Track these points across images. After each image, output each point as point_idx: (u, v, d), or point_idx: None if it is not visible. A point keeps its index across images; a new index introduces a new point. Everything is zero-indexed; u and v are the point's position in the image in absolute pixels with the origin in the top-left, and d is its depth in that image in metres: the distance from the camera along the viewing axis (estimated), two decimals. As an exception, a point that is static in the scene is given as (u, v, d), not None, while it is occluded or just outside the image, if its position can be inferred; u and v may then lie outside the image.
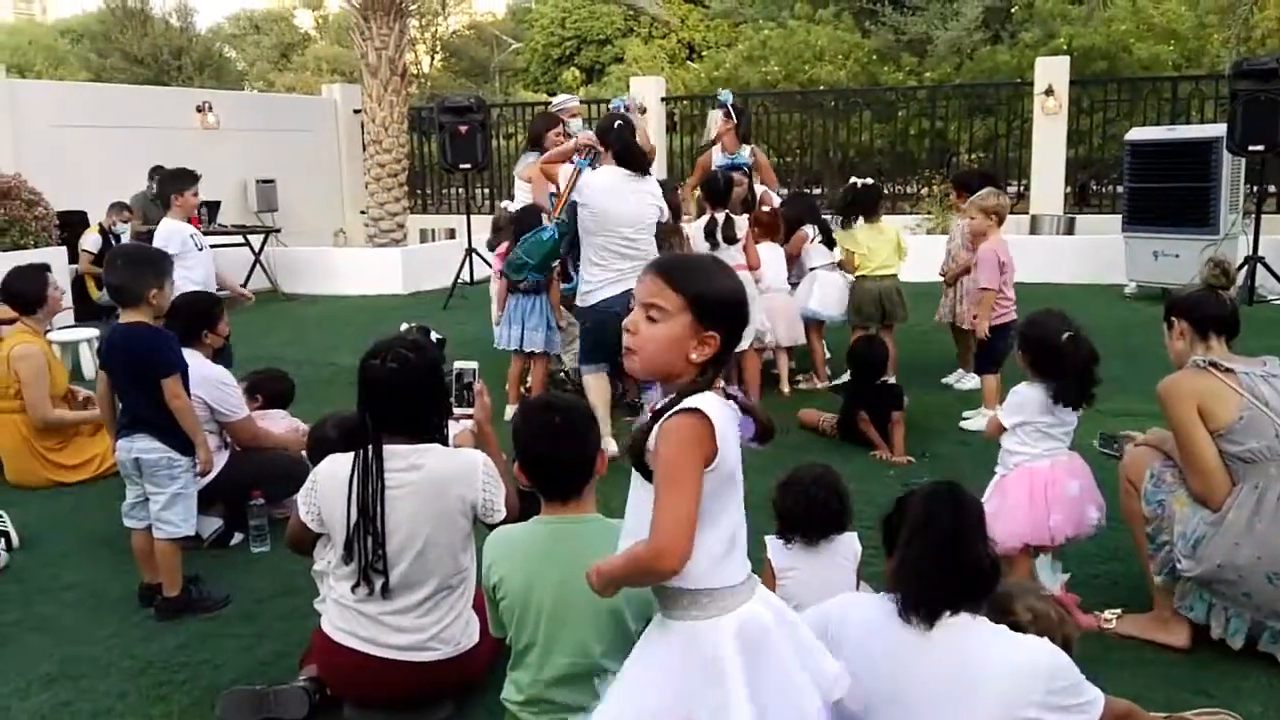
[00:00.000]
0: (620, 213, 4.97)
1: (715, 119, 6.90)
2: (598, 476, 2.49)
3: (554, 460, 2.43)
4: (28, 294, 5.09)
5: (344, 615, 2.75)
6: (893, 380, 5.51)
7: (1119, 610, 3.34)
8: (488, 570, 2.49)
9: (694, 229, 5.78)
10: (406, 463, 2.71)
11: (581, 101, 10.18)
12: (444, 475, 2.72)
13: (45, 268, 5.30)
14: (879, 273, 6.28)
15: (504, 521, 2.70)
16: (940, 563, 2.08)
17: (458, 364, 4.44)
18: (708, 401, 1.87)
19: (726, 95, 7.07)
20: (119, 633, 3.49)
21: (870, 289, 6.25)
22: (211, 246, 6.60)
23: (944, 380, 6.46)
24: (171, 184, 6.25)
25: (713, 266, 2.00)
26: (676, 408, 1.87)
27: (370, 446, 2.70)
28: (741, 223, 5.77)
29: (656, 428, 1.87)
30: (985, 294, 5.39)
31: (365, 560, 2.67)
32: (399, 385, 2.71)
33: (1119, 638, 3.23)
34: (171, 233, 5.99)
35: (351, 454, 2.73)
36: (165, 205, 6.30)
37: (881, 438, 5.22)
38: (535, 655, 2.41)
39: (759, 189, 6.62)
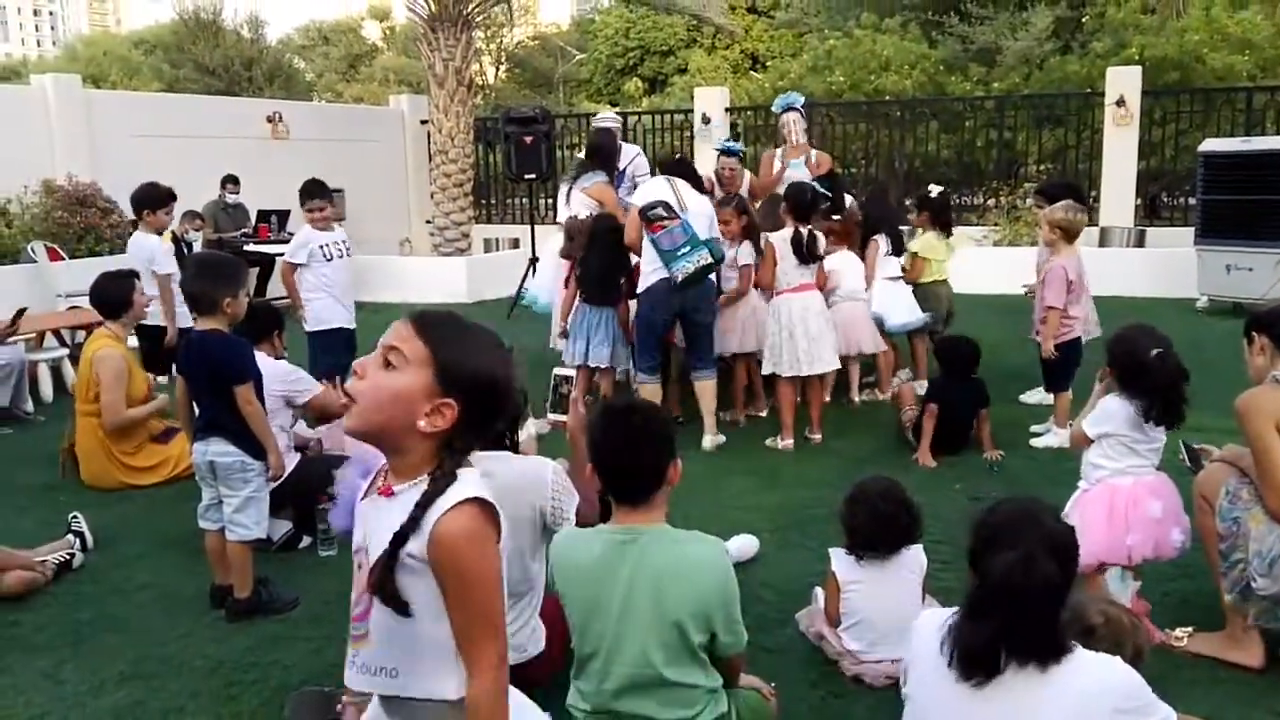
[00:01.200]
0: None
1: (791, 121, 6.92)
2: (670, 485, 2.47)
3: (630, 463, 2.42)
4: (114, 299, 5.26)
5: None
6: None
7: (1190, 628, 3.27)
8: (551, 579, 2.51)
9: (778, 239, 5.51)
10: (480, 470, 2.72)
11: (645, 112, 10.26)
12: (516, 483, 2.72)
13: (133, 274, 5.48)
14: (943, 277, 6.53)
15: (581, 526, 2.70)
16: (1003, 627, 1.95)
17: (557, 370, 4.53)
18: (478, 484, 1.69)
19: (795, 97, 7.08)
20: (191, 633, 3.58)
21: (942, 292, 6.51)
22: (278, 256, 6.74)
23: (1021, 397, 6.32)
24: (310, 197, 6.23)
25: (479, 336, 1.75)
26: (455, 499, 1.65)
27: None
28: (823, 241, 5.65)
29: (428, 534, 1.63)
30: (1051, 312, 5.25)
31: None
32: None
33: (1190, 656, 3.18)
34: (303, 242, 6.16)
35: None
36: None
37: (965, 436, 5.35)
38: (599, 664, 2.42)
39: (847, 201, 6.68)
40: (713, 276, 5.57)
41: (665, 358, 5.90)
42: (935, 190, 6.77)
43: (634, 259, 5.66)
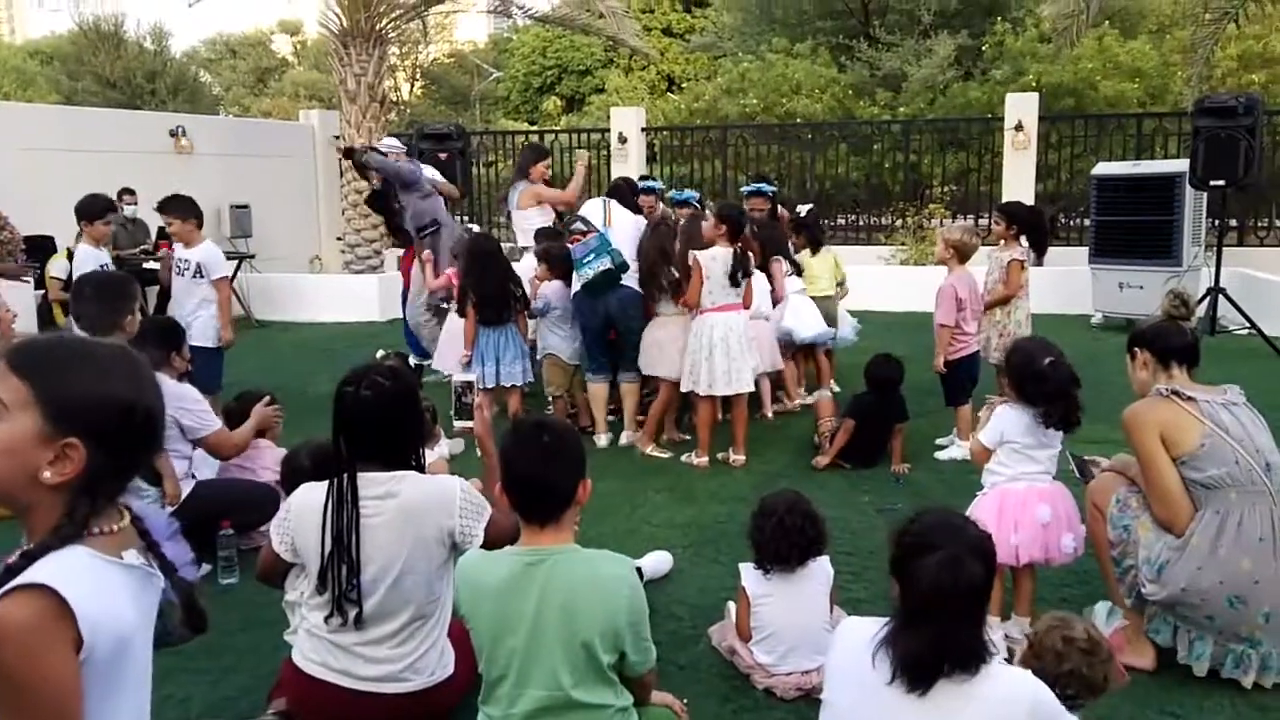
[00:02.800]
0: None
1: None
2: (579, 505, 2.46)
3: (540, 482, 2.40)
4: None
5: (316, 646, 2.72)
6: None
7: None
8: (457, 602, 2.48)
9: (707, 258, 5.40)
10: (382, 490, 2.67)
11: (563, 130, 10.26)
12: (420, 503, 2.68)
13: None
14: (822, 294, 6.77)
15: (495, 545, 2.65)
16: (939, 641, 1.98)
17: (456, 377, 4.49)
18: (69, 565, 1.36)
19: (691, 194, 7.04)
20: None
21: (825, 308, 6.76)
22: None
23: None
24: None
25: (98, 359, 1.46)
26: (17, 583, 1.32)
27: (345, 475, 2.66)
28: (752, 261, 5.68)
29: None
30: (941, 329, 5.43)
31: (339, 590, 2.63)
32: (374, 412, 2.67)
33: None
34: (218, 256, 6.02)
35: (326, 482, 2.70)
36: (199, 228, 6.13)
37: (879, 451, 5.49)
38: (507, 688, 2.39)
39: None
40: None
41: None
42: (804, 210, 7.18)
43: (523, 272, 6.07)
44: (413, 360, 6.17)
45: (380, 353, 5.93)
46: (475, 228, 7.78)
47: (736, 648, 3.28)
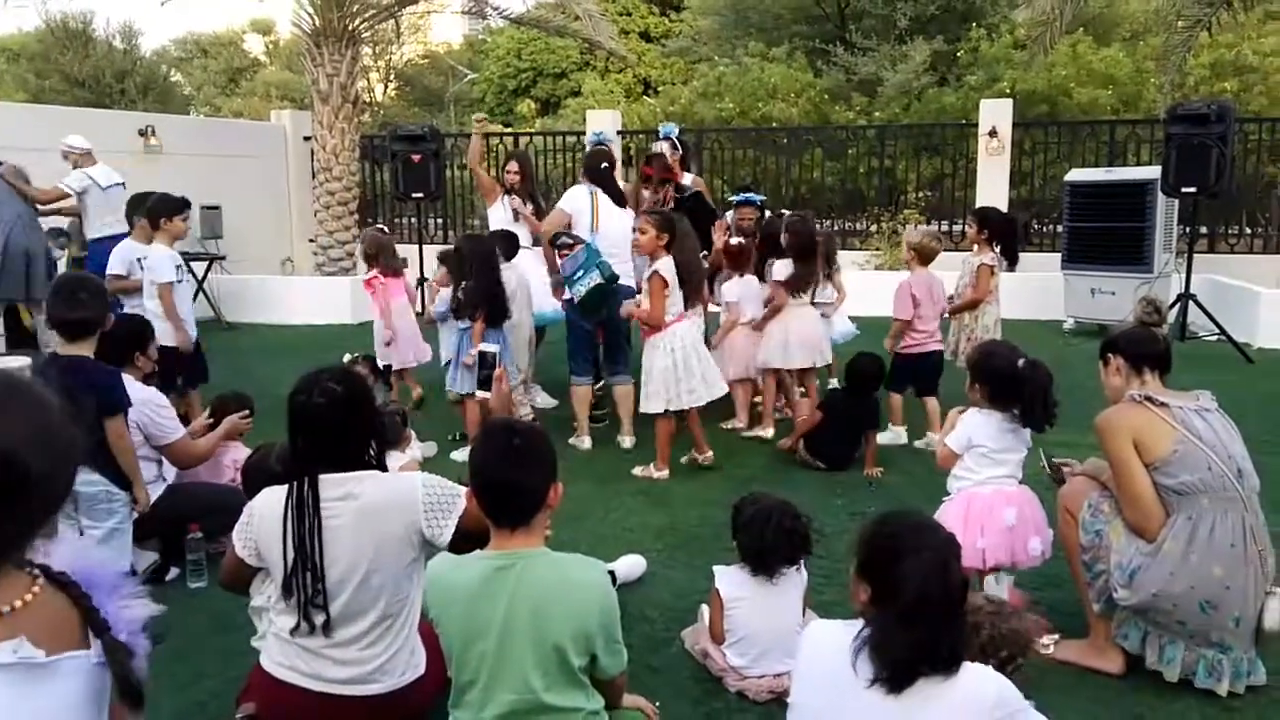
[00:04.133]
0: None
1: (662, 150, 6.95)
2: (550, 508, 2.44)
3: (509, 485, 2.38)
4: None
5: (285, 650, 2.68)
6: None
7: (1056, 636, 3.40)
8: (426, 605, 2.45)
9: (667, 268, 5.32)
10: (342, 491, 2.63)
11: (538, 133, 10.22)
12: (381, 502, 2.64)
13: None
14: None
15: (474, 539, 2.59)
16: (913, 640, 1.97)
17: (482, 346, 4.50)
18: None
19: (671, 128, 7.20)
20: (48, 668, 3.39)
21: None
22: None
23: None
24: (163, 207, 5.99)
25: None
26: None
27: (305, 480, 2.62)
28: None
29: None
30: (896, 323, 5.85)
31: (305, 597, 2.60)
32: (328, 419, 2.63)
33: (1056, 663, 3.29)
34: (165, 259, 5.85)
35: (286, 486, 2.66)
36: (154, 227, 5.99)
37: (851, 454, 5.52)
38: (477, 693, 2.37)
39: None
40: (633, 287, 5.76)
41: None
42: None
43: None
44: (381, 363, 6.12)
45: (347, 356, 5.90)
46: (384, 227, 7.73)
47: (709, 650, 3.26)
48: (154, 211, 5.99)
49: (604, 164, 6.16)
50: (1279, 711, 3.01)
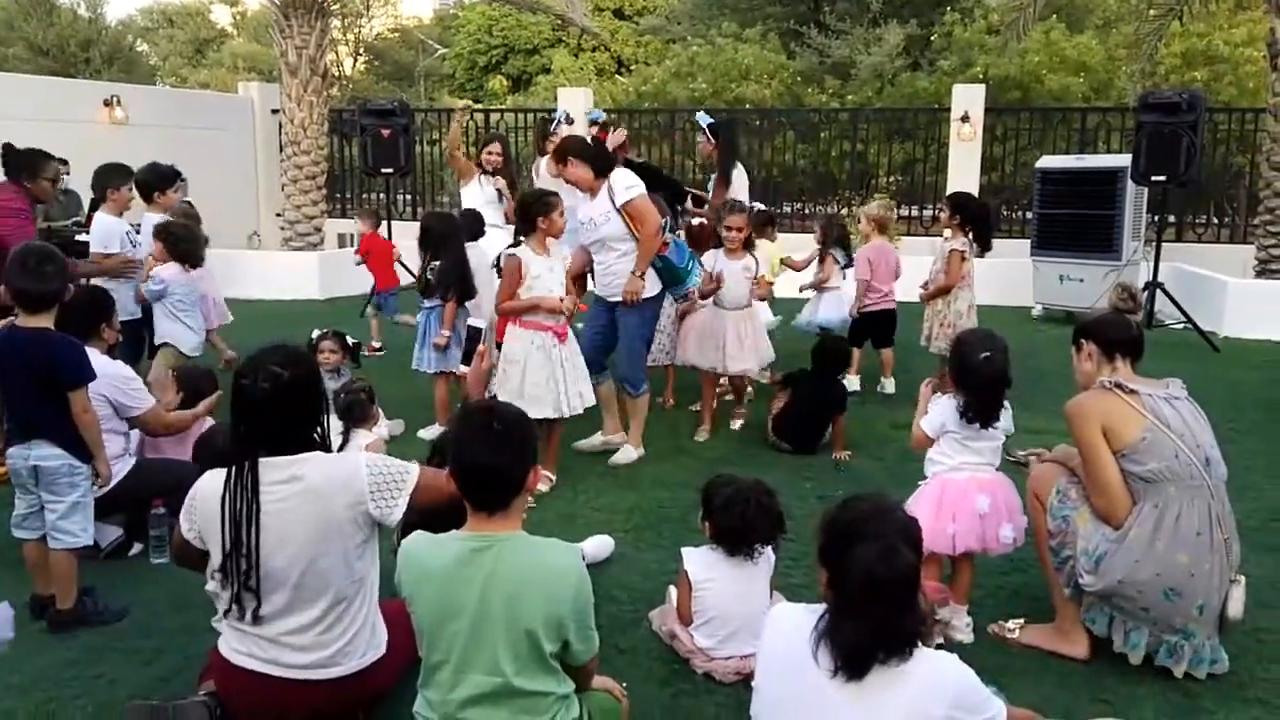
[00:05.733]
0: None
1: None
2: (528, 493, 2.42)
3: (491, 469, 2.35)
4: None
5: (242, 639, 2.64)
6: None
7: (1022, 621, 3.43)
8: (399, 583, 2.43)
9: (529, 258, 4.87)
10: (285, 474, 2.58)
11: (509, 110, 10.16)
12: (324, 484, 2.59)
13: None
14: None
15: (445, 518, 2.54)
16: (874, 628, 1.97)
17: (471, 321, 4.47)
18: None
19: (598, 113, 7.27)
20: (6, 646, 3.34)
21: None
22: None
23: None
24: (110, 177, 5.89)
25: None
26: None
27: (245, 464, 2.57)
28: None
29: None
30: (858, 283, 6.74)
31: (238, 581, 2.56)
32: (273, 404, 2.58)
33: (1022, 647, 3.32)
34: (111, 229, 5.73)
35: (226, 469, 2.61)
36: (100, 199, 5.90)
37: (816, 435, 5.54)
38: (447, 674, 2.34)
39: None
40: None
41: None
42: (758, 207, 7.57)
43: None
44: (350, 340, 6.05)
45: (316, 332, 5.82)
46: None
47: (677, 631, 3.26)
48: (148, 185, 5.90)
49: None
50: (1241, 698, 3.05)
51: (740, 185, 6.74)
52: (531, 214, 4.80)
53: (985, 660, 2.96)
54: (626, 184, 5.10)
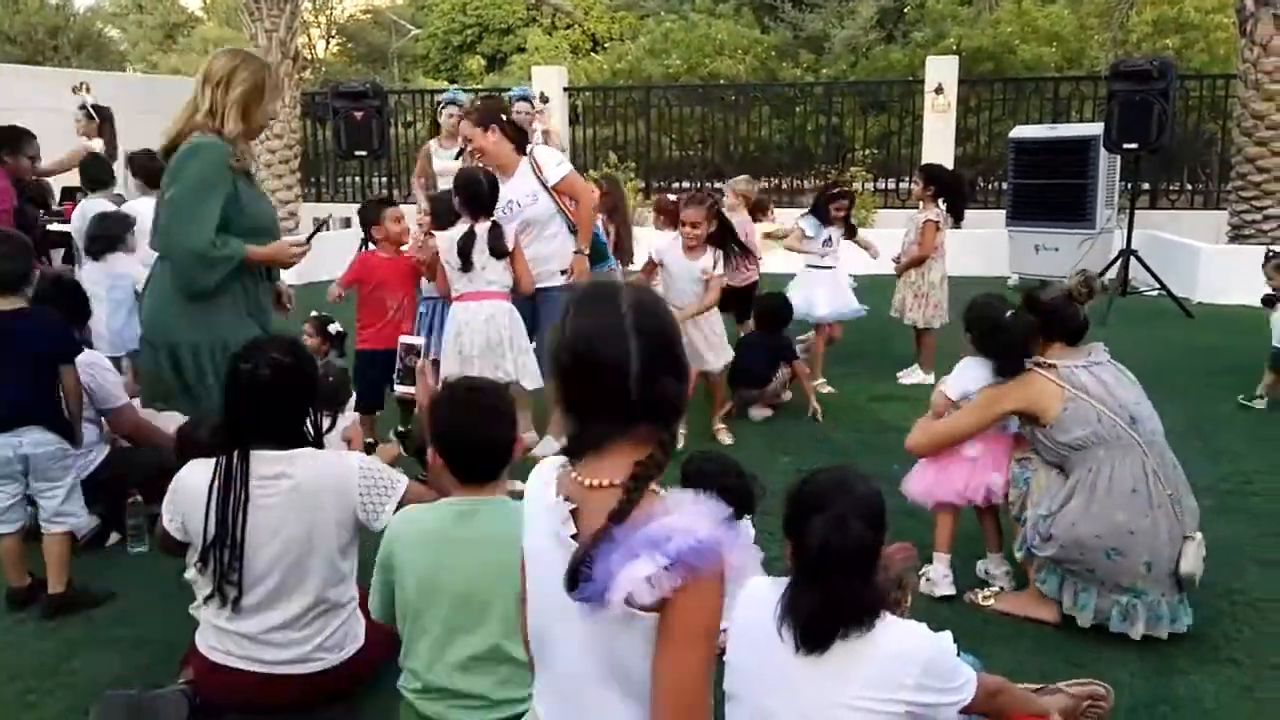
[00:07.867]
0: None
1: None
2: (513, 462, 2.46)
3: (473, 441, 2.37)
4: None
5: (221, 636, 2.64)
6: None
7: (997, 588, 3.47)
8: (389, 552, 2.42)
9: (445, 241, 4.64)
10: (276, 470, 2.58)
11: (485, 89, 10.07)
12: (315, 484, 2.59)
13: None
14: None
15: None
16: (829, 601, 1.97)
17: (403, 339, 4.35)
18: None
19: (525, 89, 7.16)
20: (-18, 639, 3.32)
21: None
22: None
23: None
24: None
25: None
26: None
27: (235, 454, 2.56)
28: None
29: None
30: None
31: (221, 571, 2.56)
32: (273, 392, 2.57)
33: (996, 615, 3.37)
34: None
35: (214, 460, 2.60)
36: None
37: (769, 370, 5.69)
38: (436, 639, 2.35)
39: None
40: None
41: None
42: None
43: None
44: (333, 328, 6.00)
45: (313, 314, 5.74)
46: None
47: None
48: (153, 172, 5.89)
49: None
50: (1214, 656, 3.10)
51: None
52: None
53: (961, 628, 2.99)
54: (555, 160, 4.99)
